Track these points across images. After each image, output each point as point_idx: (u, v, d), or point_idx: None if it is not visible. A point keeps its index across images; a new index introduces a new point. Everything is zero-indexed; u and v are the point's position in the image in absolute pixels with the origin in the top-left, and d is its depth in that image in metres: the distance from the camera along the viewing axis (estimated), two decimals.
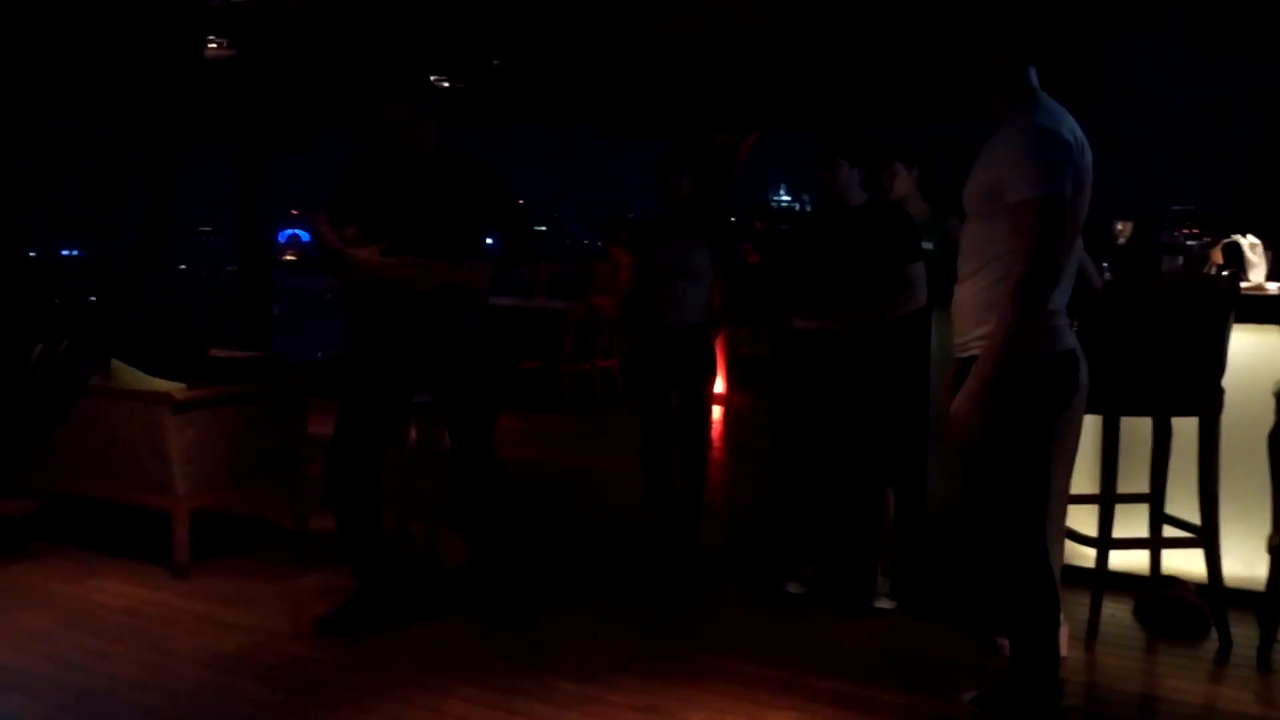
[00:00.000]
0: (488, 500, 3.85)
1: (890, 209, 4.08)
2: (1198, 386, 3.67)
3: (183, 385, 4.39)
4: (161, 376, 4.46)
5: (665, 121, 8.04)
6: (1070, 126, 2.72)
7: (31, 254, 2.60)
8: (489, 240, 4.07)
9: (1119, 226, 5.05)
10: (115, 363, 4.51)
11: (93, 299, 2.38)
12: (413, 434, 4.62)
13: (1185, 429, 3.84)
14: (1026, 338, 2.68)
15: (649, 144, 8.29)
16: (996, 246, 2.72)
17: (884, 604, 4.04)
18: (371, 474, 3.74)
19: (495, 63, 7.13)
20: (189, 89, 2.27)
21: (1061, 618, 3.56)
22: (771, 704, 3.24)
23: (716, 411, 8.46)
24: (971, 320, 2.81)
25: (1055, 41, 5.95)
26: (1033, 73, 2.80)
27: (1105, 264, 4.88)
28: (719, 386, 8.64)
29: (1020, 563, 2.83)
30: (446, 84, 7.80)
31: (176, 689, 3.35)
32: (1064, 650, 3.57)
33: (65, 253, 2.55)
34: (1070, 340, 2.82)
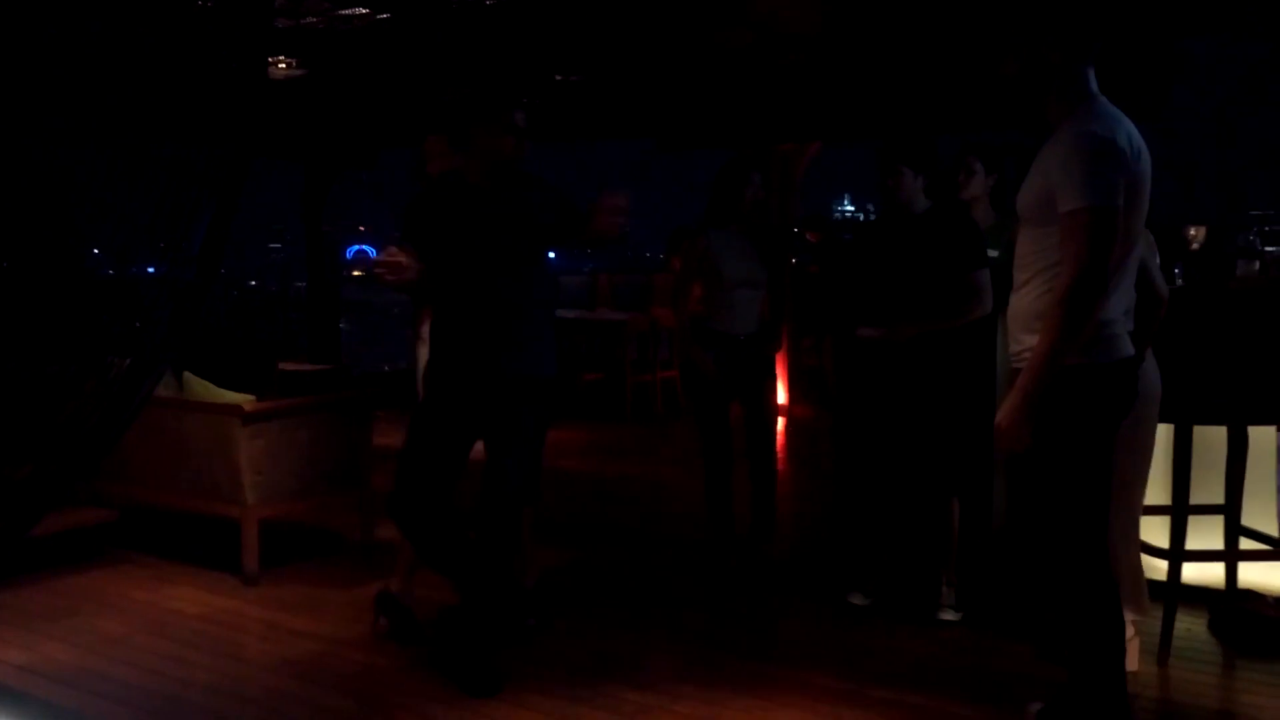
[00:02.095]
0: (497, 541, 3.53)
1: (955, 215, 4.03)
2: (1275, 393, 3.57)
3: (252, 397, 4.50)
4: (232, 389, 4.58)
5: (725, 134, 8.04)
6: (1127, 132, 2.66)
7: (109, 272, 2.69)
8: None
9: (1192, 232, 4.95)
10: (187, 375, 4.64)
11: (143, 316, 2.45)
12: None
13: (1262, 438, 3.74)
14: (1081, 347, 2.63)
15: (704, 156, 8.31)
16: (1050, 255, 2.68)
17: (949, 615, 3.99)
18: (437, 504, 3.50)
19: (557, 78, 7.21)
20: (253, 108, 2.33)
21: (1132, 631, 3.49)
22: (835, 715, 3.22)
23: (779, 423, 8.42)
24: (1024, 329, 2.77)
25: (1128, 42, 5.84)
26: (1091, 76, 2.73)
27: (1178, 269, 4.79)
28: (780, 397, 8.60)
29: (1083, 576, 2.77)
30: None
31: (249, 694, 3.42)
32: (1135, 665, 3.50)
33: (150, 270, 2.62)
34: (1126, 348, 2.76)
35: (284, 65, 6.58)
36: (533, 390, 3.52)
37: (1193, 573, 3.78)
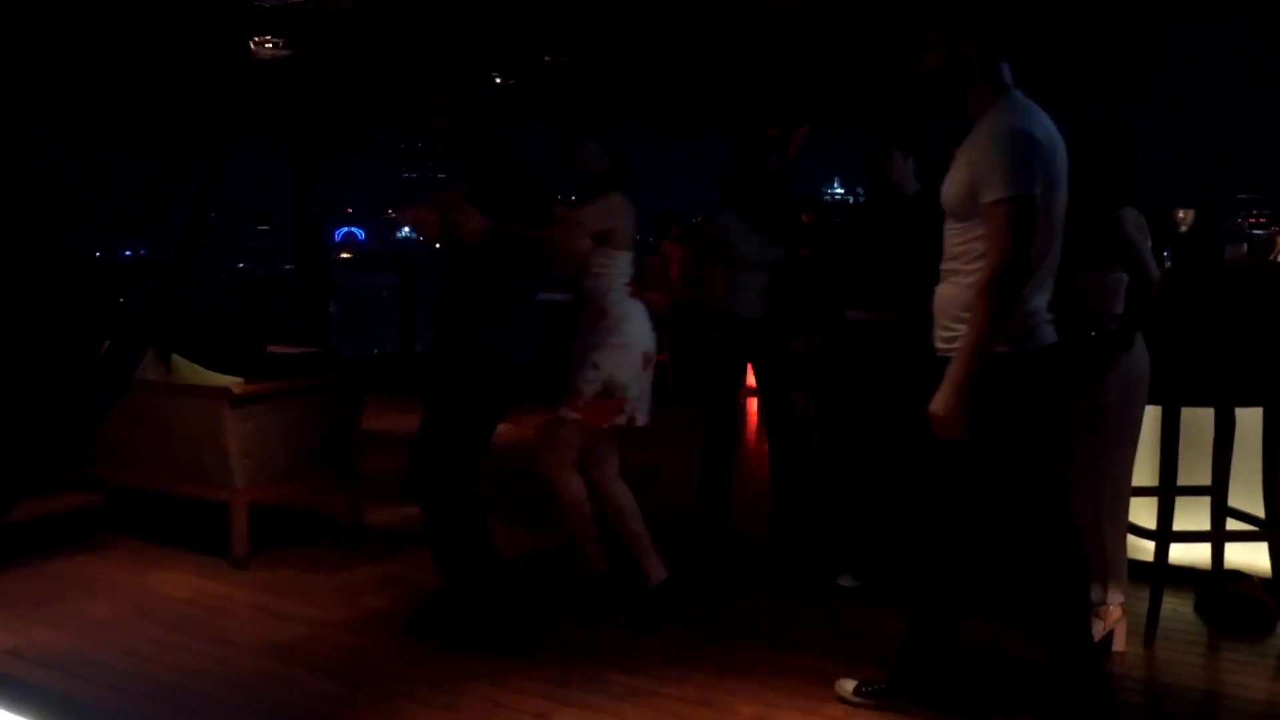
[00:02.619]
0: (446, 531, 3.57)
1: None
2: (1262, 376, 3.59)
3: (241, 380, 4.47)
4: (220, 372, 4.55)
5: (714, 117, 8.00)
6: (1042, 125, 2.72)
7: (96, 254, 2.67)
8: None
9: (1180, 214, 4.96)
10: (176, 358, 4.61)
11: (124, 297, 2.43)
12: None
13: (1248, 420, 3.75)
14: (1009, 336, 2.69)
15: (690, 142, 8.28)
16: (976, 246, 2.73)
17: None
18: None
19: (546, 59, 7.17)
20: (231, 86, 2.31)
21: (1119, 612, 3.52)
22: (823, 697, 3.23)
23: None
24: (952, 319, 2.80)
25: (1112, 26, 5.83)
26: (1006, 69, 2.78)
27: (1166, 252, 4.80)
28: None
29: (1048, 557, 2.81)
30: (499, 80, 7.84)
31: (238, 679, 3.41)
32: (1122, 645, 3.52)
33: (128, 253, 2.61)
34: (1051, 336, 2.80)
35: (271, 46, 6.52)
36: (461, 374, 3.50)
37: (1180, 553, 3.80)
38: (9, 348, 2.43)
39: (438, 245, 3.53)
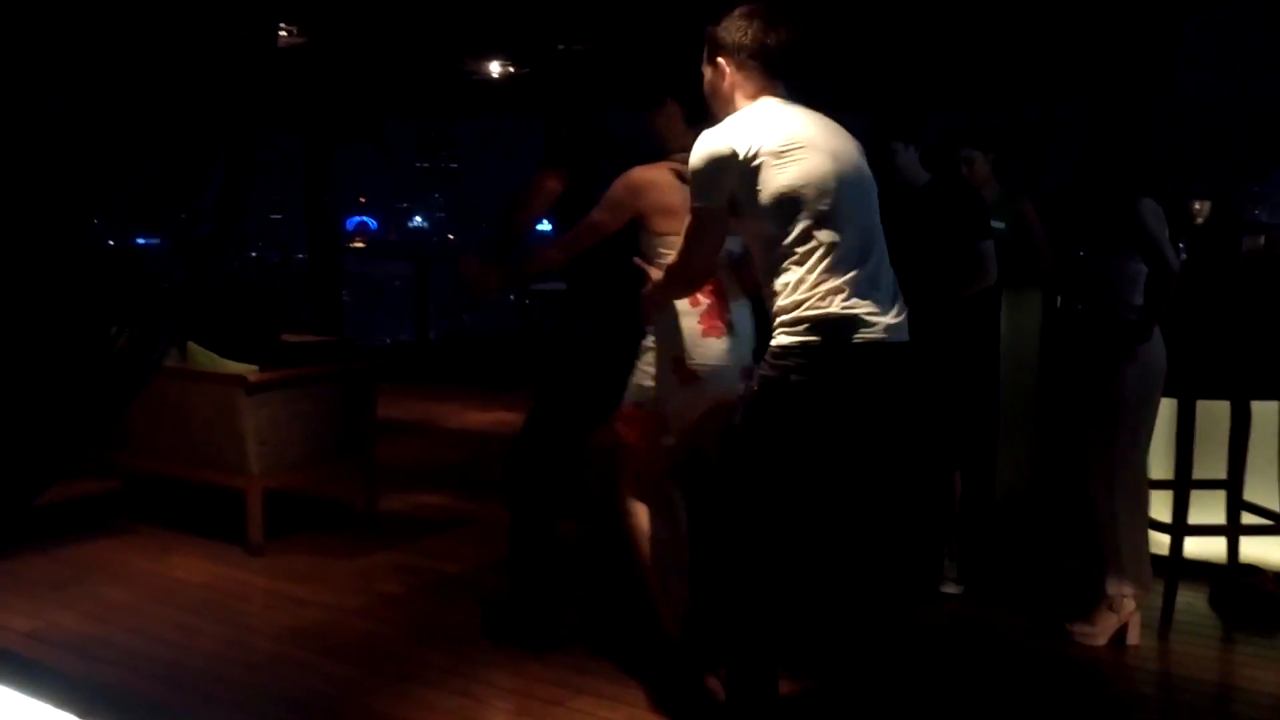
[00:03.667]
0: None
1: (956, 187, 4.01)
2: (1278, 368, 3.57)
3: (256, 368, 4.50)
4: (235, 359, 4.58)
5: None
6: (778, 134, 2.59)
7: (110, 243, 2.69)
8: None
9: (1196, 206, 4.92)
10: (191, 345, 4.64)
11: (165, 284, 2.45)
12: None
13: (1265, 412, 3.74)
14: (819, 326, 2.54)
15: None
16: (768, 248, 2.64)
17: (951, 588, 4.00)
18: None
19: (560, 47, 7.17)
20: (262, 73, 2.32)
21: (1133, 605, 3.51)
22: (838, 683, 3.23)
23: None
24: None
25: (1132, 18, 5.77)
26: (774, 88, 2.71)
27: (1182, 244, 4.77)
28: None
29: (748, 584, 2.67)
30: (512, 69, 7.84)
31: (253, 662, 3.44)
32: (1136, 639, 3.52)
33: (141, 241, 2.62)
34: (870, 331, 2.61)
35: (285, 33, 6.53)
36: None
37: (1194, 547, 3.79)
38: (37, 336, 2.45)
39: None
